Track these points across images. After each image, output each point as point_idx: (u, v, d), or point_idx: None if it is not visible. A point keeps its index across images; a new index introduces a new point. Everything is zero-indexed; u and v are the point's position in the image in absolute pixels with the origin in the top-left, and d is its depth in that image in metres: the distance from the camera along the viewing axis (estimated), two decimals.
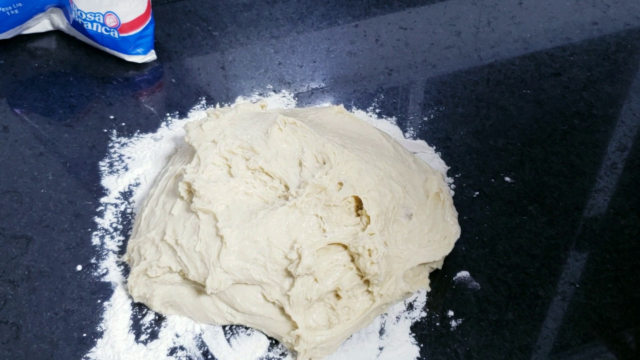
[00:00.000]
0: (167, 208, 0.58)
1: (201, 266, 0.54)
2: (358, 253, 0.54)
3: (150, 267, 0.55)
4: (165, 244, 0.55)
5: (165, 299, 0.56)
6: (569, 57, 0.85)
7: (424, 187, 0.62)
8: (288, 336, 0.53)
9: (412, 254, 0.57)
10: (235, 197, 0.56)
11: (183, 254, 0.54)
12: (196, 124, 0.62)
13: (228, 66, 0.82)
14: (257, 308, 0.54)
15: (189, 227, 0.55)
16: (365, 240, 0.54)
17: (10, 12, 0.77)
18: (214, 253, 0.53)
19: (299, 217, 0.54)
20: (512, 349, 0.55)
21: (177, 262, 0.55)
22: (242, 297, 0.54)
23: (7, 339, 0.54)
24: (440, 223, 0.60)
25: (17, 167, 0.68)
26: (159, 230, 0.56)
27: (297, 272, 0.52)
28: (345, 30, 0.88)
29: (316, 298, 0.53)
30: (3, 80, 0.77)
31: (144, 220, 0.59)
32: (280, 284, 0.53)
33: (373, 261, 0.53)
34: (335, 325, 0.54)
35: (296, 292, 0.52)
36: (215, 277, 0.52)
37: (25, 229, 0.62)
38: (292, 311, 0.53)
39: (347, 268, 0.55)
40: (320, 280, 0.53)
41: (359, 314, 0.55)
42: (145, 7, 0.78)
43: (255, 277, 0.53)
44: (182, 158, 0.63)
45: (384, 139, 0.66)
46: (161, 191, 0.60)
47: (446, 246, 0.59)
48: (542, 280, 0.60)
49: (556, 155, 0.72)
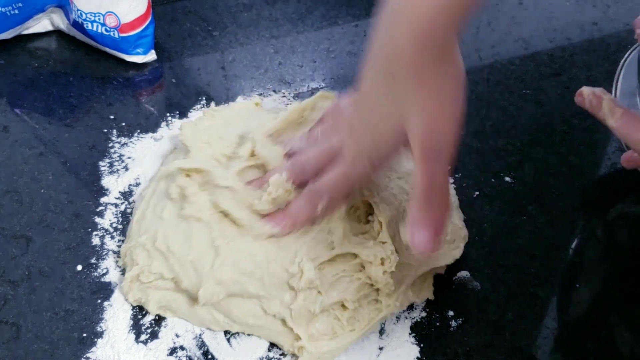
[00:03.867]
0: (157, 211, 0.56)
1: (194, 276, 0.52)
2: (369, 262, 0.52)
3: (143, 272, 0.54)
4: (156, 250, 0.54)
5: (162, 304, 0.55)
6: (569, 57, 0.85)
7: None
8: (290, 347, 0.52)
9: (422, 260, 0.56)
10: (230, 205, 0.54)
11: (176, 262, 0.53)
12: (192, 123, 0.61)
13: (228, 66, 0.82)
14: (255, 320, 0.53)
15: (181, 234, 0.54)
16: (377, 249, 0.52)
17: (10, 12, 0.77)
18: (208, 263, 0.52)
19: (303, 232, 0.53)
20: (512, 349, 0.55)
21: (169, 270, 0.53)
22: (239, 310, 0.53)
23: (7, 339, 0.54)
24: (449, 226, 0.59)
25: (17, 167, 0.68)
26: (150, 235, 0.55)
27: (300, 286, 0.51)
28: (345, 30, 0.88)
29: (320, 310, 0.52)
30: (3, 80, 0.77)
31: (135, 223, 0.58)
32: (280, 298, 0.52)
33: (386, 270, 0.52)
34: (340, 335, 0.53)
35: (298, 306, 0.51)
36: (208, 289, 0.51)
37: (25, 229, 0.62)
38: (295, 324, 0.51)
39: (354, 279, 0.53)
40: (325, 292, 0.52)
41: (364, 324, 0.53)
42: (145, 7, 0.78)
43: (251, 291, 0.52)
44: (176, 157, 0.62)
45: None
46: (152, 193, 0.59)
47: (455, 249, 0.59)
48: (542, 280, 0.60)
49: (556, 155, 0.72)
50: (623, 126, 0.53)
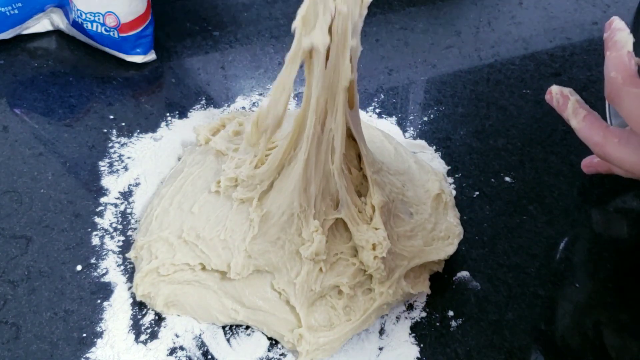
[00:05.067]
0: (184, 207, 0.58)
1: (224, 253, 0.55)
2: (362, 246, 0.54)
3: (163, 265, 0.55)
4: (182, 241, 0.56)
5: (170, 298, 0.56)
6: (569, 57, 0.85)
7: (424, 188, 0.62)
8: (290, 335, 0.54)
9: (416, 252, 0.57)
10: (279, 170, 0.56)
11: (204, 245, 0.55)
12: (212, 127, 0.65)
13: (228, 66, 0.82)
14: (263, 302, 0.55)
15: (214, 220, 0.56)
16: (369, 234, 0.54)
17: (10, 12, 0.77)
18: (239, 237, 0.55)
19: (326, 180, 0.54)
20: (512, 349, 0.55)
21: (195, 257, 0.55)
22: (251, 290, 0.55)
23: (7, 339, 0.54)
24: (443, 222, 0.61)
25: (17, 167, 0.68)
26: (174, 229, 0.57)
27: (307, 254, 0.53)
28: None
29: (319, 290, 0.54)
30: (3, 80, 0.77)
31: (155, 219, 0.59)
32: (289, 271, 0.54)
33: (377, 255, 0.54)
34: (337, 325, 0.54)
35: (302, 281, 0.53)
36: (239, 262, 0.54)
37: (25, 229, 0.62)
38: (297, 302, 0.53)
39: (350, 263, 0.55)
40: (325, 271, 0.54)
41: (360, 314, 0.55)
42: (145, 7, 0.78)
43: (273, 261, 0.54)
44: (200, 160, 0.63)
45: (386, 141, 0.66)
46: (176, 191, 0.60)
47: (449, 246, 0.59)
48: (542, 280, 0.60)
49: (556, 155, 0.72)
50: (584, 128, 0.54)
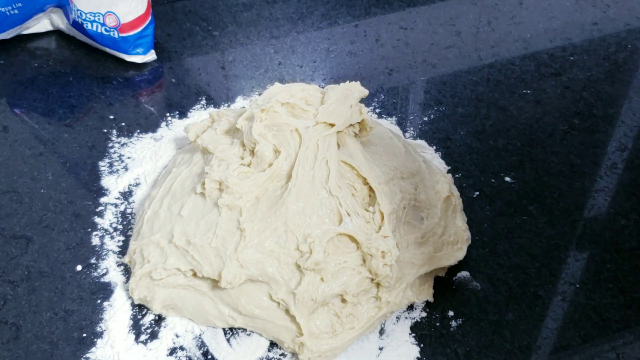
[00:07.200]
0: (174, 210, 0.57)
1: (216, 261, 0.53)
2: (371, 254, 0.53)
3: (155, 269, 0.54)
4: (172, 245, 0.54)
5: (166, 302, 0.55)
6: (569, 57, 0.85)
7: (434, 189, 0.61)
8: (291, 342, 0.53)
9: (426, 259, 0.56)
10: (268, 186, 0.55)
11: (195, 252, 0.54)
12: (203, 125, 0.62)
13: (228, 66, 0.82)
14: (260, 311, 0.53)
15: (204, 226, 0.54)
16: (379, 242, 0.53)
17: (10, 12, 0.77)
18: (231, 247, 0.53)
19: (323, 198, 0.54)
20: (512, 349, 0.55)
21: (186, 262, 0.54)
22: (247, 299, 0.53)
23: (7, 339, 0.54)
24: (452, 227, 0.60)
25: (17, 167, 0.68)
26: (165, 233, 0.56)
27: (306, 264, 0.51)
28: (345, 30, 0.88)
29: (321, 299, 0.53)
30: (3, 80, 0.77)
31: (146, 222, 0.58)
32: (287, 282, 0.53)
33: (386, 263, 0.52)
34: (339, 333, 0.53)
35: (302, 291, 0.52)
36: (230, 270, 0.52)
37: (25, 229, 0.62)
38: (297, 311, 0.52)
39: (355, 272, 0.53)
40: (327, 281, 0.53)
41: (363, 322, 0.54)
42: (145, 7, 0.78)
43: (268, 271, 0.53)
44: (188, 159, 0.62)
45: (395, 138, 0.64)
46: (165, 193, 0.59)
47: (458, 251, 0.59)
48: (542, 280, 0.60)
49: (556, 155, 0.72)
50: None
